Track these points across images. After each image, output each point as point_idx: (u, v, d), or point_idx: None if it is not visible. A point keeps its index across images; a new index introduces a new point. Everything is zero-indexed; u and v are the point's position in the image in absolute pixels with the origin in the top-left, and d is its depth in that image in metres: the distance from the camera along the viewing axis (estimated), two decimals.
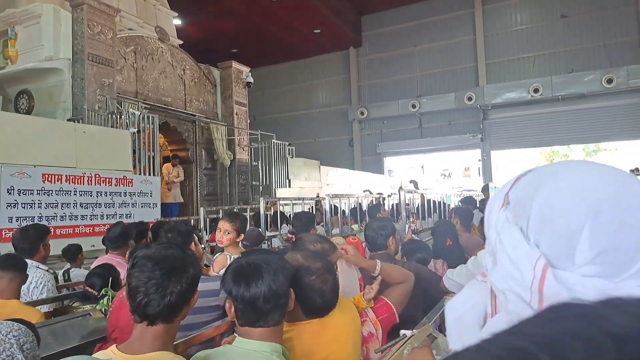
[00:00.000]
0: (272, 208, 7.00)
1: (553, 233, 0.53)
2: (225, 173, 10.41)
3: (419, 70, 16.74)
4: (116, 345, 1.30)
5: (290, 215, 6.49)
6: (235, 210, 7.00)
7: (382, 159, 17.59)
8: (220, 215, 6.86)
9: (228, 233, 2.80)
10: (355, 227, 6.23)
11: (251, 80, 10.84)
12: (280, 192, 9.88)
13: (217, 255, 3.00)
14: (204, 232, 6.39)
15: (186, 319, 1.39)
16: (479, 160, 16.06)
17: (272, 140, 10.57)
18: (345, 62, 18.19)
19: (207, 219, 7.19)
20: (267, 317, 1.34)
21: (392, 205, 7.46)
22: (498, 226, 0.59)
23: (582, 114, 14.26)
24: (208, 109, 10.45)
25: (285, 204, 7.08)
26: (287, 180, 10.63)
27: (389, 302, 2.08)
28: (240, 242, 3.01)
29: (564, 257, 0.52)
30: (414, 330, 1.55)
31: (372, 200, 7.40)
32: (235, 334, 1.44)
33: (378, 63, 17.52)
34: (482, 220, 5.33)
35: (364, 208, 7.07)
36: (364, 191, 9.73)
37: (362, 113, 17.08)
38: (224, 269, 1.68)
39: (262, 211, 6.09)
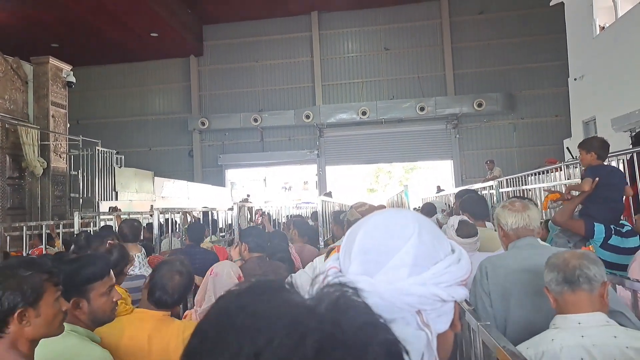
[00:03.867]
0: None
1: (350, 250, 0.66)
2: (36, 184, 9.03)
3: (260, 85, 17.08)
4: None
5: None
6: (49, 224, 6.23)
7: (223, 171, 17.37)
8: (24, 233, 6.13)
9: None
10: (214, 237, 6.07)
11: (73, 79, 9.66)
12: (105, 206, 8.95)
13: None
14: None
15: None
16: (316, 174, 17.03)
17: (97, 148, 9.54)
18: (186, 70, 17.57)
19: (8, 237, 6.29)
20: None
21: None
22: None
23: (402, 136, 16.28)
24: (16, 109, 8.99)
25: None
26: (113, 192, 9.69)
27: None
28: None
29: (347, 263, 0.65)
30: None
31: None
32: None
33: (220, 74, 17.35)
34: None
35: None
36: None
37: (203, 123, 16.66)
38: None
39: (77, 227, 5.50)
